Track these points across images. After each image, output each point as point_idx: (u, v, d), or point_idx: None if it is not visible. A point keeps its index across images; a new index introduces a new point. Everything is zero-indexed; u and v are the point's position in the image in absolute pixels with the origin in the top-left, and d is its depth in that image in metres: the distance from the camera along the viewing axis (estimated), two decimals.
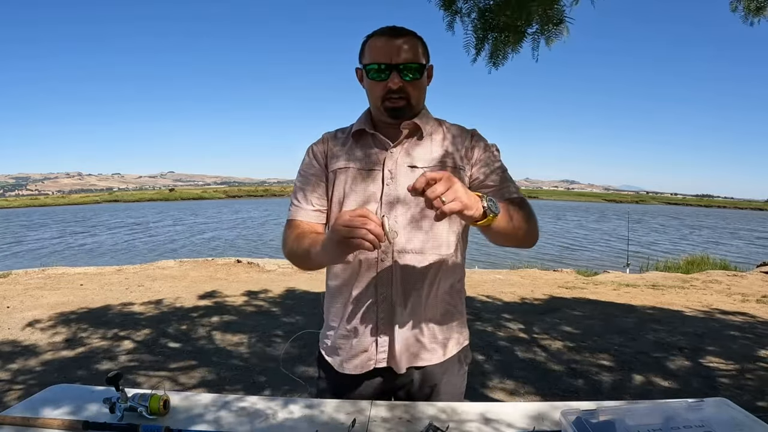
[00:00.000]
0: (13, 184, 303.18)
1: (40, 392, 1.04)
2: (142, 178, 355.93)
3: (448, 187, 0.76)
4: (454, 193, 0.76)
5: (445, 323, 1.09)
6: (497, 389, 2.78)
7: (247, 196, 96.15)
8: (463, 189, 0.79)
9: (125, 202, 70.21)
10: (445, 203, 0.76)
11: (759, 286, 6.30)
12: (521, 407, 0.98)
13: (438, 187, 0.76)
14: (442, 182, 0.76)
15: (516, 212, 0.95)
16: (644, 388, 2.81)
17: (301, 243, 1.01)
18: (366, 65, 1.02)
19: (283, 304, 4.71)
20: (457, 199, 0.77)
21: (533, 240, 1.02)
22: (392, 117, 1.03)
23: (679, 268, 8.94)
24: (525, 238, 0.98)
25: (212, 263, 7.40)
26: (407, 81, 1.00)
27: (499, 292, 5.49)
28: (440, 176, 0.76)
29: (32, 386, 2.74)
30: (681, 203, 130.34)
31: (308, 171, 1.11)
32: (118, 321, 4.11)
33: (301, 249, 1.00)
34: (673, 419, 0.82)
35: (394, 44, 0.99)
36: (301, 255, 1.01)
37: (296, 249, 1.02)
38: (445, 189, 0.76)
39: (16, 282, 5.87)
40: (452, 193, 0.76)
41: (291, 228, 1.07)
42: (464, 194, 0.78)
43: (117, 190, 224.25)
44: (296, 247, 1.02)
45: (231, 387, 2.80)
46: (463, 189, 0.79)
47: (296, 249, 1.02)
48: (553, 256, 11.75)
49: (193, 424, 0.90)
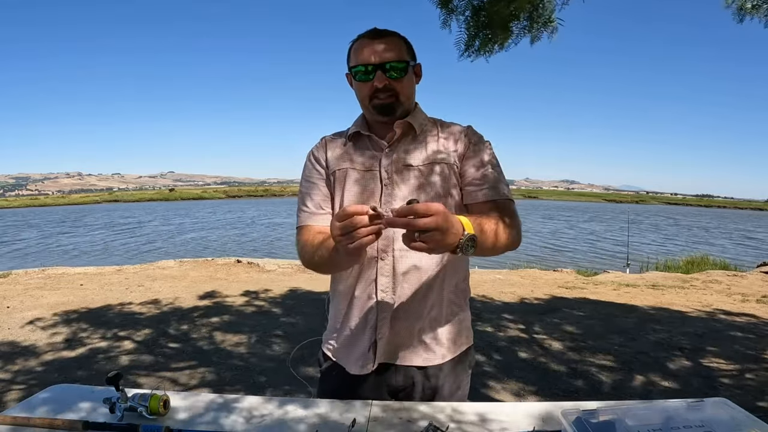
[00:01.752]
0: (13, 184, 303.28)
1: (40, 392, 1.03)
2: (142, 178, 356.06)
3: (432, 228, 0.73)
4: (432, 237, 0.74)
5: (449, 323, 1.09)
6: (497, 389, 2.78)
7: (247, 196, 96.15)
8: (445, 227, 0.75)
9: (125, 202, 70.24)
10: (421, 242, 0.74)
11: (759, 286, 6.30)
12: (521, 407, 0.98)
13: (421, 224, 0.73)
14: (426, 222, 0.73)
15: (496, 230, 0.93)
16: (644, 388, 2.81)
17: (314, 247, 1.00)
18: (352, 68, 1.05)
19: (284, 304, 4.71)
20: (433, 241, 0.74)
21: (511, 249, 1.00)
22: (382, 114, 1.04)
23: (679, 268, 8.94)
24: (501, 251, 0.98)
25: (212, 263, 7.40)
26: (393, 79, 1.02)
27: (499, 292, 5.49)
28: (427, 213, 0.73)
29: (32, 386, 2.74)
30: (681, 203, 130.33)
31: (311, 176, 1.11)
32: (118, 321, 4.11)
33: (319, 254, 0.99)
34: (673, 419, 0.82)
35: (378, 45, 1.01)
36: (316, 259, 1.00)
37: (314, 254, 1.00)
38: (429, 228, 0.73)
39: (16, 282, 5.87)
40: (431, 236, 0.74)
41: (303, 234, 1.06)
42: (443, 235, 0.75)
43: (117, 190, 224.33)
44: (314, 253, 1.00)
45: (231, 387, 2.80)
46: (448, 226, 0.75)
47: (314, 254, 1.00)
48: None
49: (193, 424, 0.90)
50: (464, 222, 0.81)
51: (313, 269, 1.05)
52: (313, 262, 1.02)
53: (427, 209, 0.74)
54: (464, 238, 0.79)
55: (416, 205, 0.74)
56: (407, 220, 0.74)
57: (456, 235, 0.78)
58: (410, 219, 0.74)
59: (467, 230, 0.80)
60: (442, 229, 0.74)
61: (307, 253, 1.03)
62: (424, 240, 0.75)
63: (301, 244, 1.06)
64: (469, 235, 0.80)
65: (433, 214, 0.73)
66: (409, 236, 0.76)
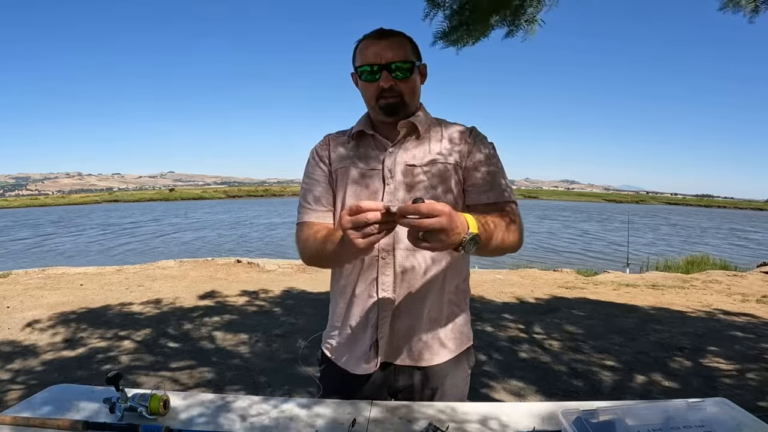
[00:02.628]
0: (13, 184, 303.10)
1: (40, 392, 1.03)
2: (142, 178, 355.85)
3: (437, 228, 0.74)
4: (436, 237, 0.74)
5: (449, 323, 1.09)
6: (497, 389, 2.78)
7: (247, 196, 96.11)
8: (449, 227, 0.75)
9: (125, 202, 70.22)
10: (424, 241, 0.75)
11: (759, 286, 6.30)
12: (521, 407, 0.98)
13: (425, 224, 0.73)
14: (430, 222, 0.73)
15: (500, 230, 0.93)
16: (644, 388, 2.81)
17: (318, 242, 1.00)
18: (358, 68, 1.05)
19: (284, 304, 4.71)
20: (436, 240, 0.75)
21: (514, 251, 1.00)
22: (387, 114, 1.04)
23: (679, 268, 8.94)
24: (504, 252, 0.98)
25: (212, 263, 7.40)
26: (398, 79, 1.02)
27: (500, 292, 5.49)
28: (431, 214, 0.73)
29: (32, 386, 2.74)
30: (681, 203, 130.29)
31: (314, 173, 1.11)
32: (118, 321, 4.11)
33: (324, 248, 0.98)
34: (673, 419, 0.82)
35: (383, 45, 1.02)
36: (319, 253, 1.00)
37: (317, 249, 1.00)
38: (433, 229, 0.73)
39: (16, 282, 5.87)
40: (435, 236, 0.74)
41: (303, 230, 1.07)
42: (447, 235, 0.75)
43: (117, 190, 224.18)
44: (317, 248, 1.00)
45: (231, 387, 2.80)
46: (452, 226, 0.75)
47: (317, 249, 1.00)
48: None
49: (193, 424, 0.90)
50: (469, 220, 0.81)
51: (314, 264, 1.05)
52: (315, 257, 1.02)
53: (431, 209, 0.73)
54: (467, 237, 0.79)
55: (421, 204, 0.74)
56: (412, 221, 0.74)
57: (459, 234, 0.78)
58: (416, 219, 0.74)
59: (471, 229, 0.80)
60: (447, 230, 0.74)
61: (308, 248, 1.03)
62: (429, 240, 0.75)
63: (303, 240, 1.05)
64: (472, 234, 0.80)
65: (438, 215, 0.73)
66: (413, 234, 0.77)
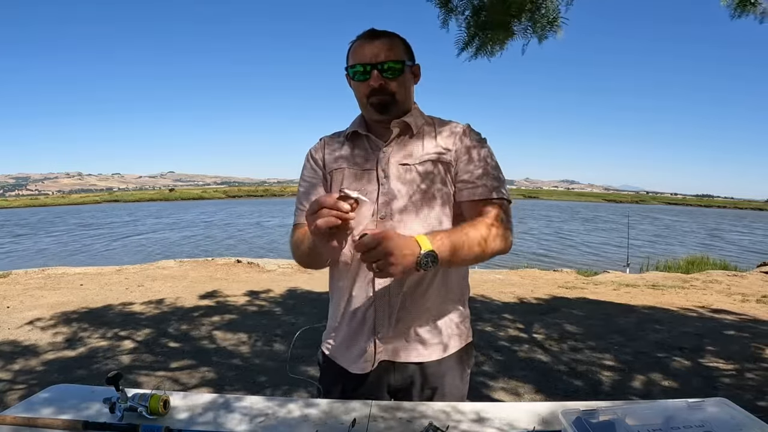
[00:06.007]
0: (13, 184, 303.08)
1: (40, 392, 1.04)
2: (142, 178, 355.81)
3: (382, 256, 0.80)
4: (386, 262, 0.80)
5: (448, 321, 1.09)
6: (497, 389, 2.78)
7: (247, 196, 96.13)
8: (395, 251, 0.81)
9: (125, 202, 70.20)
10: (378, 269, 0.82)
11: (759, 286, 6.30)
12: (521, 407, 0.98)
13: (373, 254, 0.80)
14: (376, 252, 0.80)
15: (474, 239, 0.94)
16: (644, 388, 2.81)
17: (303, 240, 1.05)
18: (350, 68, 1.06)
19: (284, 304, 4.71)
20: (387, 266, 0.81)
21: (500, 254, 1.02)
22: (379, 113, 1.05)
23: (679, 268, 8.94)
24: (488, 257, 0.99)
25: (212, 263, 7.40)
26: (389, 78, 1.03)
27: (499, 292, 5.49)
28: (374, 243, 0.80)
29: (33, 386, 2.74)
30: (681, 203, 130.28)
31: (309, 176, 1.14)
32: (119, 321, 4.11)
33: (303, 245, 1.05)
34: (673, 419, 0.82)
35: (374, 45, 1.03)
36: (304, 252, 1.06)
37: (300, 246, 1.07)
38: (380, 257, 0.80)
39: (16, 282, 5.87)
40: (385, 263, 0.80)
41: (296, 232, 1.11)
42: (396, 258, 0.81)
43: (117, 190, 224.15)
44: (300, 245, 1.07)
45: (231, 387, 2.80)
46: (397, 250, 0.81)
47: (300, 246, 1.07)
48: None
49: (193, 424, 0.90)
50: (420, 240, 0.86)
51: (305, 264, 1.12)
52: (298, 255, 1.09)
53: (373, 239, 0.80)
54: (421, 255, 0.84)
55: (364, 239, 0.80)
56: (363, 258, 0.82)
57: (411, 255, 0.83)
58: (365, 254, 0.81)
59: (423, 248, 0.84)
60: (394, 253, 0.80)
61: (296, 248, 1.09)
62: (381, 268, 0.81)
63: (293, 241, 1.11)
64: (426, 251, 0.84)
65: (380, 241, 0.80)
66: (370, 267, 0.83)
